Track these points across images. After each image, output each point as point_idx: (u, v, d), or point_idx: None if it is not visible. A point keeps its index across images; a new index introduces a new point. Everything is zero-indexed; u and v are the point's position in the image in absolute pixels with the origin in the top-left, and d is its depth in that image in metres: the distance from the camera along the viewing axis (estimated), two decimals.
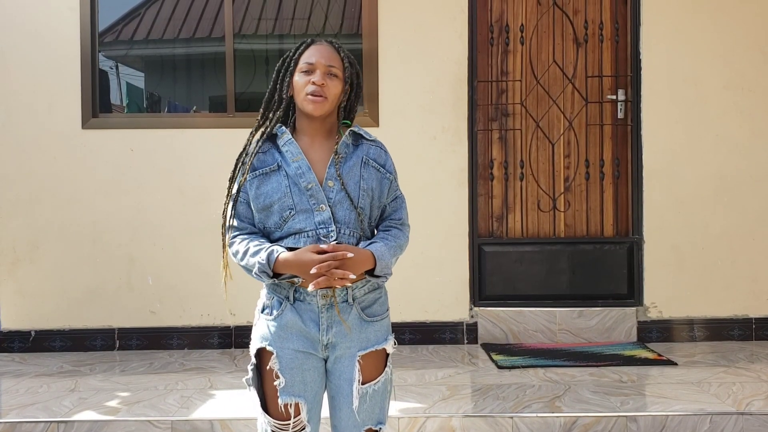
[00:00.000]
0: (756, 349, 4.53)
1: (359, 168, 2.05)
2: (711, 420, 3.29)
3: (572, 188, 4.89)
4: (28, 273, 4.69)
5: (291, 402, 2.03)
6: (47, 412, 3.44)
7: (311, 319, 2.02)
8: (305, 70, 2.04)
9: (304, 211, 2.00)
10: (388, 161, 2.13)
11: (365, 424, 2.07)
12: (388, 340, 2.09)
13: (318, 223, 2.00)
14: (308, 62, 2.05)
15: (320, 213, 2.00)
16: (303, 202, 2.00)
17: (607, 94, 4.86)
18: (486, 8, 4.86)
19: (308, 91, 2.02)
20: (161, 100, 5.22)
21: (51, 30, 4.67)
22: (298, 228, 2.00)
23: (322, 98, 2.02)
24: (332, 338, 2.03)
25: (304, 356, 2.04)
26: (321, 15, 4.93)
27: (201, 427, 3.32)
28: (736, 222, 4.77)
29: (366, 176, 2.05)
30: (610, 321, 4.75)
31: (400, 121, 4.71)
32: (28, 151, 4.68)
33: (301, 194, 2.00)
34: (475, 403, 3.52)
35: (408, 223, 2.18)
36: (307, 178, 2.01)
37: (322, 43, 2.09)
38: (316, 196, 2.00)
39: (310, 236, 1.99)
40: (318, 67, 2.04)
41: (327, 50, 2.07)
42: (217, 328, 4.71)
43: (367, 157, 2.08)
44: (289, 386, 2.03)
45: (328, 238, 1.99)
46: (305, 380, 2.04)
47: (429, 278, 4.73)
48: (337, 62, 2.07)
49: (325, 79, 2.03)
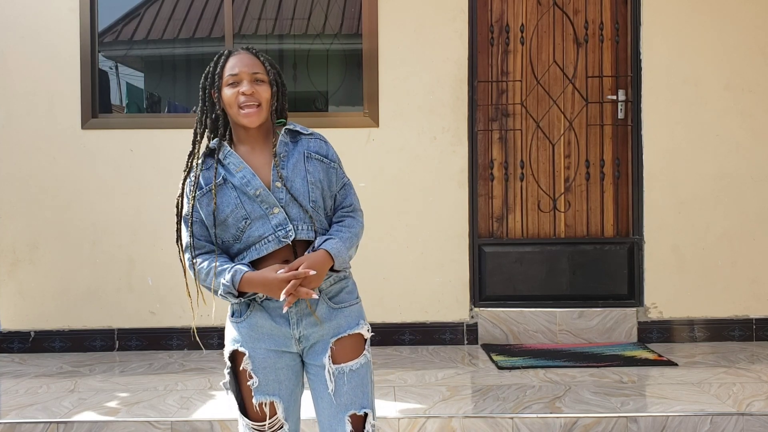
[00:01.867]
0: (756, 350, 4.53)
1: (303, 163, 2.07)
2: (711, 421, 3.28)
3: (572, 188, 4.89)
4: (28, 273, 4.68)
5: (266, 401, 2.06)
6: (47, 412, 3.44)
7: (280, 316, 2.04)
8: (231, 83, 2.05)
9: (258, 218, 2.02)
10: (330, 151, 2.14)
11: (348, 409, 2.04)
12: (360, 324, 2.10)
13: (275, 226, 2.02)
14: (232, 74, 2.05)
15: (275, 216, 2.02)
16: (255, 210, 2.02)
17: (607, 94, 4.86)
18: (486, 8, 4.85)
19: (240, 103, 2.03)
20: (161, 101, 5.21)
21: (51, 30, 4.67)
22: (257, 235, 2.02)
23: (257, 107, 2.03)
24: (303, 330, 2.05)
25: (276, 355, 2.06)
26: (321, 15, 4.92)
27: (201, 428, 3.31)
28: (737, 222, 4.77)
29: (311, 169, 2.07)
30: (610, 321, 4.75)
31: (400, 121, 4.71)
32: (28, 152, 4.68)
33: (251, 202, 2.02)
34: (475, 404, 3.52)
35: (360, 207, 2.18)
36: (254, 185, 2.02)
37: (240, 52, 2.10)
38: (267, 200, 2.02)
39: (270, 241, 2.01)
40: (243, 76, 2.05)
41: (247, 58, 2.08)
42: (217, 329, 4.70)
43: (308, 150, 2.09)
44: (263, 385, 2.06)
45: (287, 239, 2.00)
46: (279, 379, 2.07)
47: (429, 279, 4.72)
48: (260, 67, 2.08)
49: (254, 87, 2.04)
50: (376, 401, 2.42)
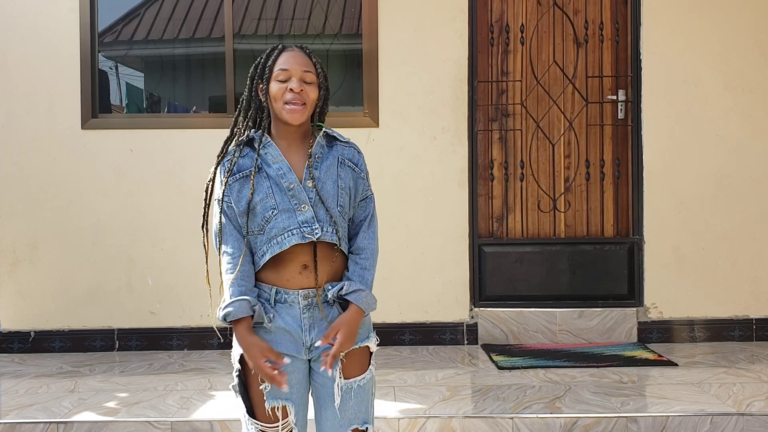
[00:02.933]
0: (756, 350, 4.53)
1: (336, 167, 2.08)
2: (711, 421, 3.28)
3: (572, 189, 4.89)
4: (28, 273, 4.68)
5: (278, 405, 2.04)
6: (47, 412, 3.44)
7: (293, 319, 2.04)
8: (280, 78, 2.04)
9: (286, 210, 2.01)
10: (361, 160, 2.14)
11: (351, 423, 2.06)
12: (369, 337, 2.11)
13: (301, 222, 2.01)
14: (283, 68, 2.05)
15: (302, 213, 2.01)
16: (285, 202, 2.02)
17: (607, 94, 4.86)
18: (486, 8, 4.85)
19: (287, 99, 2.03)
20: (161, 101, 5.21)
21: (51, 30, 4.67)
22: (282, 227, 2.01)
23: (302, 105, 2.03)
24: (315, 338, 2.04)
25: (288, 359, 2.04)
26: (321, 15, 4.92)
27: (201, 428, 3.31)
28: (737, 222, 4.77)
29: (343, 175, 2.08)
30: (610, 321, 4.75)
31: (400, 121, 4.71)
32: (28, 151, 4.68)
33: (282, 194, 2.02)
34: (475, 404, 3.52)
35: (376, 215, 2.18)
36: (289, 179, 2.02)
37: (294, 50, 2.09)
38: (298, 196, 2.02)
39: (294, 234, 2.00)
40: (293, 74, 2.04)
41: (300, 56, 2.08)
42: (217, 329, 4.70)
43: (342, 157, 2.10)
44: (276, 389, 2.03)
45: (311, 236, 2.00)
46: (291, 383, 2.04)
47: (429, 279, 4.72)
48: (311, 68, 2.08)
49: (303, 86, 2.04)
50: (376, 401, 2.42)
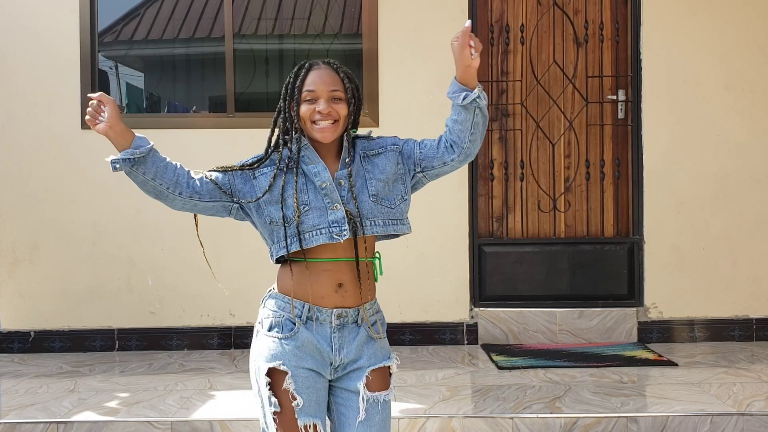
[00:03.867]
0: (756, 350, 4.53)
1: (360, 163, 2.08)
2: (711, 421, 3.28)
3: (572, 188, 4.89)
4: (28, 273, 4.68)
5: (310, 423, 1.98)
6: (47, 412, 3.44)
7: (323, 339, 2.02)
8: (308, 99, 2.03)
9: (317, 208, 2.01)
10: (379, 140, 2.14)
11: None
12: (391, 358, 2.11)
13: (331, 221, 2.00)
14: (310, 90, 2.03)
15: (334, 212, 2.00)
16: (317, 200, 2.01)
17: (607, 94, 4.86)
18: (486, 8, 4.85)
19: (314, 119, 2.02)
20: (161, 101, 5.21)
21: (51, 30, 4.67)
22: (311, 224, 1.99)
23: (332, 123, 2.03)
24: (344, 359, 2.03)
25: (316, 376, 2.02)
26: (321, 15, 4.92)
27: (201, 428, 3.31)
28: (737, 222, 4.77)
29: (369, 168, 2.07)
30: (610, 321, 4.74)
31: (400, 121, 4.70)
32: (28, 152, 4.68)
33: (316, 192, 2.02)
34: (475, 404, 3.52)
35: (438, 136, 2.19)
36: (323, 177, 2.02)
37: (320, 67, 2.06)
38: (331, 195, 2.01)
39: (323, 233, 1.99)
40: (320, 94, 2.03)
41: (327, 74, 2.05)
42: (217, 329, 4.71)
43: (363, 151, 2.10)
44: (307, 407, 1.98)
45: (340, 237, 1.98)
46: (319, 400, 2.02)
47: (429, 279, 4.72)
48: (339, 84, 2.05)
49: (331, 106, 2.02)
50: None
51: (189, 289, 4.67)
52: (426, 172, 2.13)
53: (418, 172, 2.13)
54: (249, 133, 4.43)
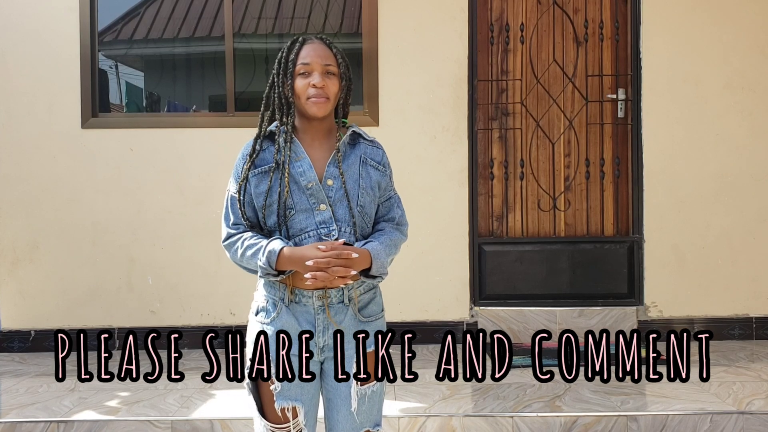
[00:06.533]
0: (756, 349, 4.53)
1: (358, 166, 2.06)
2: (711, 419, 3.28)
3: (572, 187, 4.89)
4: (28, 273, 4.68)
5: (288, 406, 2.02)
6: (47, 411, 3.44)
7: (307, 321, 2.02)
8: (302, 72, 2.03)
9: (303, 210, 1.99)
10: (384, 159, 2.13)
11: (363, 426, 2.06)
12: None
13: (319, 222, 1.99)
14: (304, 63, 2.03)
15: (320, 213, 2.00)
16: (303, 202, 2.00)
17: (607, 93, 4.86)
18: (486, 7, 4.85)
19: (310, 95, 2.01)
20: (161, 100, 5.21)
21: (51, 30, 4.67)
22: (299, 228, 1.99)
23: (325, 99, 2.01)
24: (329, 341, 2.02)
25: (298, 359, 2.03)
26: (321, 14, 4.92)
27: (201, 427, 3.32)
28: (736, 221, 4.77)
29: (365, 175, 2.06)
30: (610, 320, 4.75)
31: (400, 120, 4.71)
32: (28, 151, 4.68)
33: (300, 193, 2.00)
34: (475, 403, 3.52)
35: (405, 221, 2.16)
36: (308, 177, 2.00)
37: (314, 42, 2.07)
38: (316, 195, 2.00)
39: (312, 236, 1.99)
40: (315, 67, 2.03)
41: (321, 48, 2.06)
42: (217, 328, 4.71)
43: (365, 156, 2.09)
44: (286, 390, 2.02)
45: (329, 237, 1.98)
46: (302, 384, 2.03)
47: (429, 278, 4.72)
48: (332, 59, 2.06)
49: (324, 80, 2.02)
50: None
51: (189, 289, 4.67)
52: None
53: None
54: (249, 133, 4.38)
